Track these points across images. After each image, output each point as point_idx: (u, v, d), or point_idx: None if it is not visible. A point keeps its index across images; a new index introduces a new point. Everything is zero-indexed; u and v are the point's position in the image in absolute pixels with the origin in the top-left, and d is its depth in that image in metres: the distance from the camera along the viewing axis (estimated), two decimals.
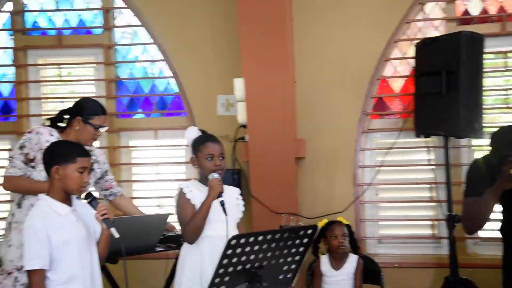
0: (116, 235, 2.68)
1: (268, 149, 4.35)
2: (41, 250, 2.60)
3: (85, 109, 3.39)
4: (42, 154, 2.92)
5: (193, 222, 3.01)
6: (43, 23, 5.14)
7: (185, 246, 3.11)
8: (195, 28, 4.79)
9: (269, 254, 2.60)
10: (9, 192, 3.54)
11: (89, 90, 5.08)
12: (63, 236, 2.65)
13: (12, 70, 5.10)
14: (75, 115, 3.40)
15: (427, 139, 4.36)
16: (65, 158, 2.67)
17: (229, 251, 2.46)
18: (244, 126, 4.48)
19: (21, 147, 3.32)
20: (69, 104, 5.02)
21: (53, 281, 2.63)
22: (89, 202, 2.73)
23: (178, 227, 3.48)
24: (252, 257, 2.54)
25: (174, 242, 3.60)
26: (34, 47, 5.09)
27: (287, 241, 2.64)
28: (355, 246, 4.03)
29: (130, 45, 5.01)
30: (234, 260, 2.49)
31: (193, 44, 4.79)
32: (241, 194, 3.31)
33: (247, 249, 2.51)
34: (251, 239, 2.50)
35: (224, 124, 4.65)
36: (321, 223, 4.02)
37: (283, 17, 4.38)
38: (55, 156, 2.70)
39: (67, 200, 2.72)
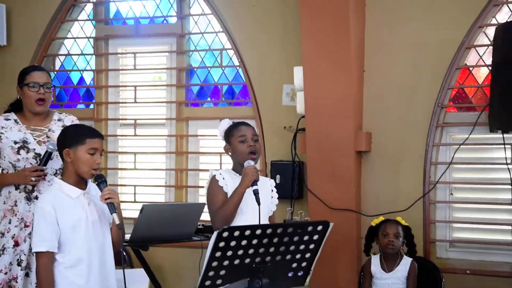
0: (117, 221, 2.64)
1: (326, 141, 4.13)
2: (49, 233, 2.62)
3: (19, 77, 3.33)
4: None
5: (224, 209, 2.92)
6: (124, 12, 5.28)
7: (215, 234, 3.03)
8: (263, 15, 4.67)
9: (271, 250, 2.45)
10: None
11: (162, 79, 5.15)
12: (71, 219, 2.66)
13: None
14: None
15: (506, 135, 3.92)
16: (74, 141, 2.68)
17: (222, 244, 2.34)
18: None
19: None
20: (143, 93, 5.19)
21: (61, 263, 2.65)
22: (97, 184, 2.71)
23: None
24: (251, 251, 2.41)
25: (212, 232, 3.52)
26: (113, 36, 5.25)
27: (292, 237, 2.47)
28: (412, 250, 3.73)
29: (201, 34, 5.00)
30: (229, 253, 2.37)
31: (260, 32, 4.68)
32: (276, 186, 3.17)
33: (244, 242, 2.37)
34: (247, 232, 2.36)
35: (288, 115, 4.51)
36: (376, 221, 3.78)
37: (346, 2, 4.12)
38: (65, 139, 2.72)
39: (80, 184, 2.73)
